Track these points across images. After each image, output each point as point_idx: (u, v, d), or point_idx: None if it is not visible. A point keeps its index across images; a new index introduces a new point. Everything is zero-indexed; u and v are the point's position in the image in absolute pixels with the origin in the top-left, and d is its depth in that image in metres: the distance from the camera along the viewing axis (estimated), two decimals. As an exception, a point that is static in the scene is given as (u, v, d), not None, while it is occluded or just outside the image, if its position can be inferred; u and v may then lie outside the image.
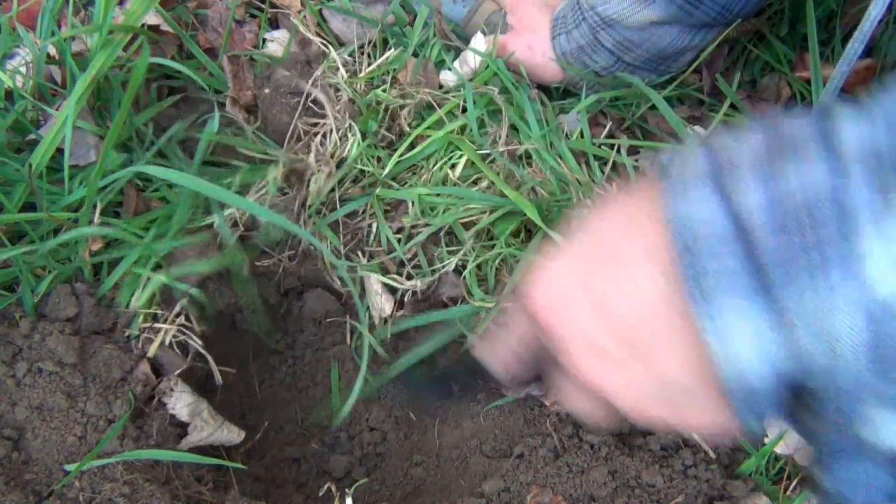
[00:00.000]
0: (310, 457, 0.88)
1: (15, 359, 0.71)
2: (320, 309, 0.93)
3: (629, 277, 0.42)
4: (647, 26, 0.89)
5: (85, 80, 0.76)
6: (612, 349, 0.42)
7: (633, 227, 0.42)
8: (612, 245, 0.43)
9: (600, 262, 0.43)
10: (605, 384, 0.44)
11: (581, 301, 0.44)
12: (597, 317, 0.43)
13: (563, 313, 0.46)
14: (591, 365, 0.44)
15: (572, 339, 0.45)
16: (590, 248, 0.45)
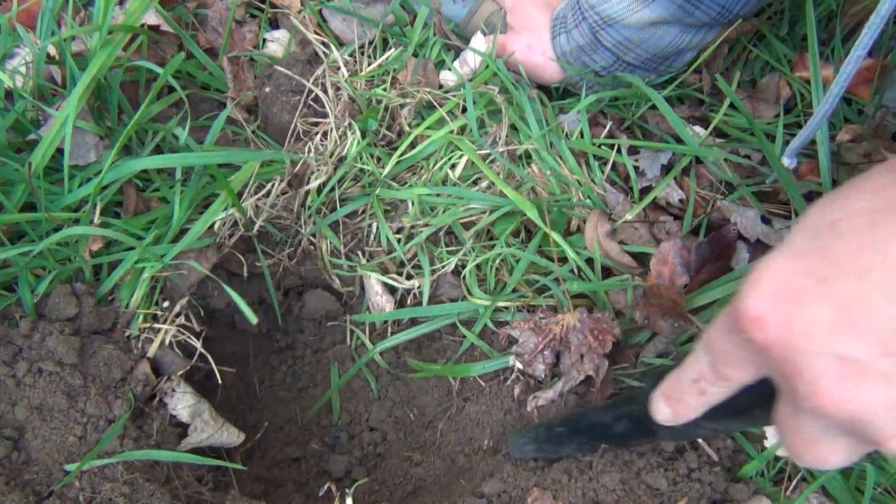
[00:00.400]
0: (310, 457, 0.88)
1: (15, 359, 0.71)
2: (320, 309, 0.93)
3: (887, 269, 0.35)
4: (647, 26, 0.89)
5: (85, 80, 0.75)
6: (867, 359, 0.35)
7: (881, 209, 0.36)
8: (858, 233, 0.36)
9: (843, 254, 0.36)
10: (860, 405, 0.36)
11: (820, 303, 0.37)
12: (844, 320, 0.36)
13: (795, 320, 0.38)
14: (838, 382, 0.36)
15: (810, 351, 0.37)
16: (826, 241, 0.38)
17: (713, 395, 0.48)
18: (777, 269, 0.39)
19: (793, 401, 0.40)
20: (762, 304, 0.39)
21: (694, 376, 0.48)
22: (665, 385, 0.52)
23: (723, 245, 0.82)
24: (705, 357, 0.47)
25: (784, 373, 0.39)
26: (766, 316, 0.39)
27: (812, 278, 0.37)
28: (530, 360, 0.79)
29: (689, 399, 0.49)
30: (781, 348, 0.38)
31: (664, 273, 0.79)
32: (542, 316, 0.80)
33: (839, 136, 0.94)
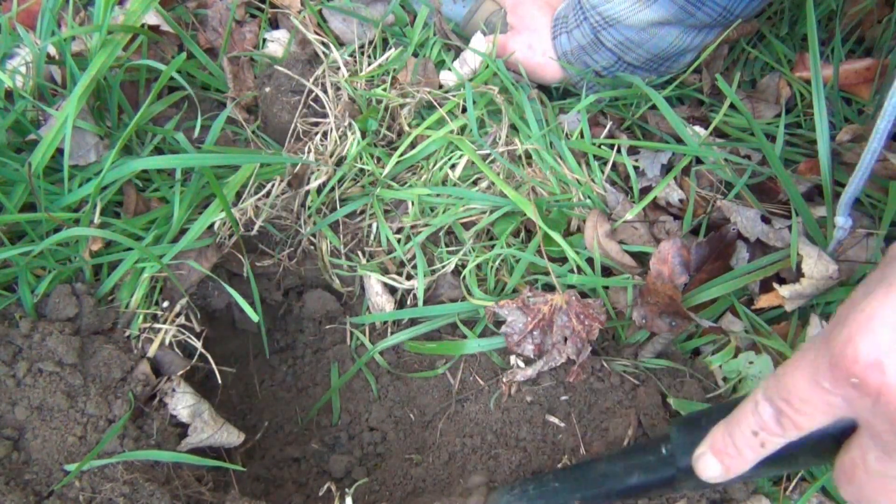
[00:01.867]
0: (310, 457, 0.88)
1: (15, 359, 0.71)
2: (320, 309, 0.93)
3: None
4: (649, 26, 0.89)
5: (85, 80, 0.76)
6: None
7: None
8: None
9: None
10: None
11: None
12: None
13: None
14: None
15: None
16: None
17: (773, 446, 0.47)
18: (889, 308, 0.38)
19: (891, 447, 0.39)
20: (880, 346, 0.37)
21: (754, 427, 0.47)
22: (716, 440, 0.51)
23: (722, 244, 0.82)
24: (769, 407, 0.45)
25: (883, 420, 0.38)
26: (884, 359, 0.37)
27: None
28: (519, 341, 0.78)
29: (747, 454, 0.48)
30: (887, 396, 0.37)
31: (664, 272, 0.79)
32: (531, 295, 0.79)
33: (839, 135, 0.94)
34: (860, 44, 1.06)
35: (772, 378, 0.46)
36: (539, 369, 0.79)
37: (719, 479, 0.51)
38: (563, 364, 0.79)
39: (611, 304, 0.83)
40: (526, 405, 0.81)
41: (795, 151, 0.95)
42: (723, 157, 0.90)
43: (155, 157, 0.80)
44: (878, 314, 0.38)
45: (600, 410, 0.80)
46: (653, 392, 0.79)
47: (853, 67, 1.00)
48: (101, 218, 0.77)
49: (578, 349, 0.77)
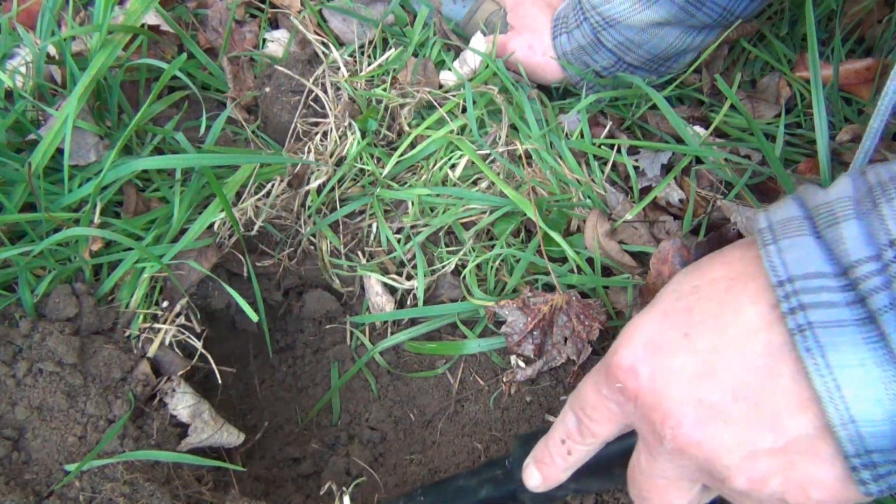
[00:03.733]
0: (310, 457, 0.88)
1: (15, 359, 0.71)
2: (320, 309, 0.93)
3: (740, 326, 0.40)
4: (649, 27, 0.89)
5: (85, 80, 0.76)
6: (723, 404, 0.40)
7: (735, 278, 0.42)
8: (717, 296, 0.42)
9: (705, 313, 0.42)
10: (714, 446, 0.40)
11: (685, 354, 0.42)
12: (705, 370, 0.41)
13: (662, 369, 0.43)
14: (696, 424, 0.41)
15: (675, 396, 0.42)
16: (690, 302, 0.43)
17: (579, 453, 0.52)
18: (648, 325, 0.44)
19: (653, 446, 0.44)
20: (635, 355, 0.44)
21: (562, 436, 0.53)
22: (536, 450, 0.56)
23: (722, 244, 0.82)
24: (572, 416, 0.52)
25: (650, 418, 0.43)
26: (637, 366, 0.43)
27: (678, 333, 0.42)
28: (520, 341, 0.79)
29: (558, 461, 0.53)
30: (650, 395, 0.43)
31: (664, 272, 0.79)
32: (531, 295, 0.79)
33: (839, 135, 0.94)
34: (860, 44, 1.06)
35: (575, 389, 0.52)
36: (539, 369, 0.79)
37: (540, 488, 0.56)
38: (564, 364, 0.79)
39: (611, 303, 0.83)
40: (525, 405, 0.82)
41: (795, 151, 0.95)
42: (723, 157, 0.90)
43: (155, 157, 0.80)
44: (638, 329, 0.45)
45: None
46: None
47: (853, 67, 1.00)
48: (101, 218, 0.77)
49: (579, 349, 0.77)
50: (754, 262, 0.42)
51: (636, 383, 0.43)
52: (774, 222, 0.41)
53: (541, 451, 0.55)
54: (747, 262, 0.42)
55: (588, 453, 0.53)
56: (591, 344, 0.78)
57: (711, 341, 0.41)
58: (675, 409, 0.41)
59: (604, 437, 0.50)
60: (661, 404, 0.42)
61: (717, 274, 0.43)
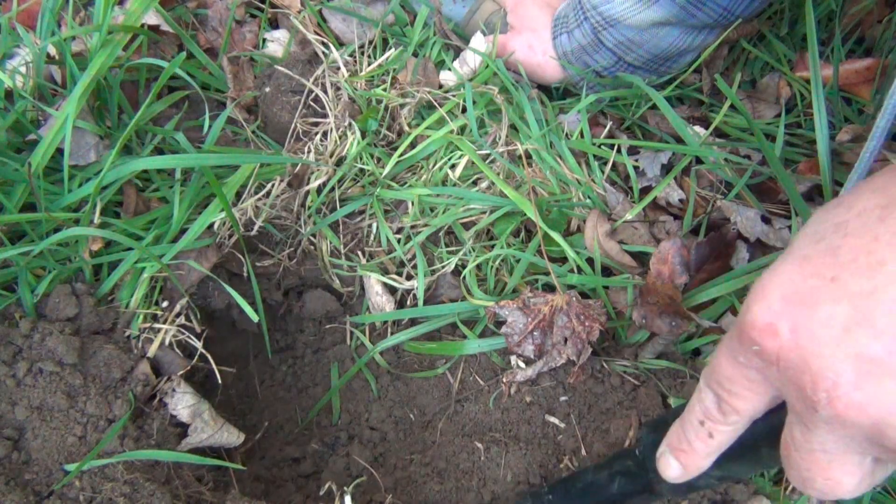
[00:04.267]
0: (310, 457, 0.88)
1: (15, 359, 0.71)
2: (320, 309, 0.93)
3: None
4: (649, 27, 0.89)
5: (85, 80, 0.75)
6: (886, 356, 0.34)
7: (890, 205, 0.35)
8: (868, 229, 0.35)
9: (854, 251, 0.35)
10: (882, 408, 0.34)
11: (833, 302, 0.36)
12: (860, 317, 0.34)
13: (806, 322, 0.36)
14: (856, 384, 0.35)
15: (826, 353, 0.35)
16: (834, 241, 0.37)
17: (722, 435, 0.46)
18: (784, 275, 0.38)
19: (806, 416, 0.38)
20: (772, 310, 0.38)
21: (700, 417, 0.46)
22: (670, 436, 0.50)
23: (722, 244, 0.82)
24: (709, 393, 0.45)
25: (798, 383, 0.37)
26: (776, 322, 0.38)
27: (823, 279, 0.36)
28: (520, 342, 0.78)
29: (698, 446, 0.47)
30: (795, 354, 0.37)
31: (664, 272, 0.79)
32: (532, 295, 0.79)
33: (839, 135, 0.94)
34: (860, 44, 1.06)
35: (708, 364, 0.46)
36: (539, 370, 0.80)
37: (680, 479, 0.50)
38: (563, 365, 0.79)
39: (611, 304, 0.83)
40: (525, 405, 0.82)
41: (795, 151, 0.95)
42: (723, 158, 0.90)
43: (155, 157, 0.80)
44: (771, 283, 0.39)
45: (600, 411, 0.80)
46: (653, 393, 0.79)
47: (853, 67, 1.00)
48: (101, 218, 0.77)
49: (579, 350, 0.77)
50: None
51: (776, 342, 0.38)
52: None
53: (677, 437, 0.49)
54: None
55: (733, 434, 0.46)
56: (591, 344, 0.78)
57: (866, 282, 0.34)
58: (828, 367, 0.35)
59: (749, 413, 0.44)
60: (811, 364, 0.36)
61: (867, 203, 0.37)
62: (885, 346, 0.33)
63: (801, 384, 0.37)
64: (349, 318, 0.92)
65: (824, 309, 0.36)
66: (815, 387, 0.36)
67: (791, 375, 0.37)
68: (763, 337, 0.38)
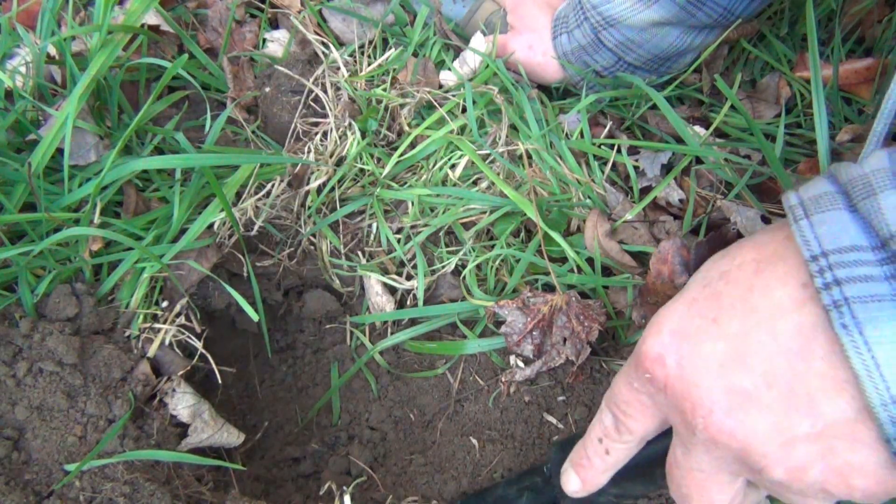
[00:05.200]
0: (310, 457, 0.88)
1: (15, 359, 0.71)
2: (320, 309, 0.93)
3: (769, 308, 0.38)
4: (649, 26, 0.89)
5: (85, 80, 0.76)
6: (755, 390, 0.38)
7: (764, 260, 0.40)
8: (745, 279, 0.41)
9: (733, 297, 0.41)
10: (748, 434, 0.39)
11: (713, 340, 0.40)
12: (734, 355, 0.39)
13: (690, 356, 0.41)
14: (728, 412, 0.39)
15: (705, 384, 0.40)
16: (718, 287, 0.42)
17: (617, 452, 0.51)
18: (675, 313, 0.43)
19: (686, 438, 0.43)
20: (662, 343, 0.43)
21: (599, 435, 0.51)
22: (573, 453, 0.55)
23: (722, 244, 0.82)
24: (608, 414, 0.50)
25: (681, 408, 0.42)
26: (665, 354, 0.42)
27: (706, 319, 0.41)
28: (519, 341, 0.78)
29: (597, 462, 0.52)
30: (679, 383, 0.41)
31: (664, 272, 0.79)
32: (531, 295, 0.79)
33: (839, 135, 0.94)
34: (860, 44, 1.06)
35: (610, 386, 0.51)
36: (538, 370, 0.80)
37: (580, 493, 0.54)
38: (562, 365, 0.79)
39: (611, 303, 0.83)
40: (524, 405, 0.82)
41: (795, 151, 0.95)
42: (723, 158, 0.90)
43: (155, 157, 0.80)
44: (665, 317, 0.44)
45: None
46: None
47: (853, 67, 1.00)
48: (101, 218, 0.77)
49: (578, 350, 0.77)
50: (784, 242, 0.40)
51: (664, 372, 0.42)
52: (806, 199, 0.40)
53: (578, 454, 0.54)
54: (777, 243, 0.41)
55: (627, 452, 0.51)
56: (590, 345, 0.78)
57: (741, 325, 0.39)
58: (706, 396, 0.40)
59: (641, 433, 0.49)
60: (691, 393, 0.41)
61: (746, 257, 0.42)
62: (753, 381, 0.38)
63: (683, 409, 0.41)
64: (349, 318, 0.92)
65: (706, 345, 0.41)
66: (694, 413, 0.40)
67: (675, 402, 0.42)
68: (654, 366, 0.43)
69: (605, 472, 0.52)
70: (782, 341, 0.38)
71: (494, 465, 0.78)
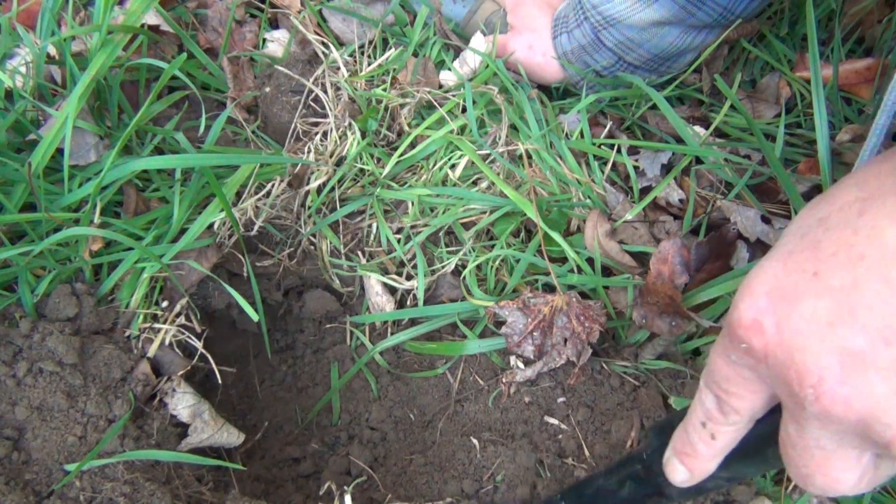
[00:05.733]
0: (310, 457, 0.88)
1: (15, 359, 0.71)
2: (320, 309, 0.93)
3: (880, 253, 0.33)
4: (649, 26, 0.89)
5: (85, 80, 0.75)
6: (871, 349, 0.33)
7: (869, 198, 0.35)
8: (848, 223, 0.36)
9: (834, 245, 0.35)
10: (867, 402, 0.34)
11: (815, 296, 0.35)
12: (842, 311, 0.34)
13: (790, 317, 0.36)
14: (843, 379, 0.34)
15: (811, 348, 0.35)
16: (816, 236, 0.37)
17: (725, 436, 0.46)
18: (769, 271, 0.39)
19: (797, 412, 0.38)
20: (756, 306, 0.38)
21: (702, 419, 0.46)
22: (675, 440, 0.50)
23: (722, 244, 0.82)
24: (709, 394, 0.45)
25: (786, 379, 0.37)
26: (761, 318, 0.38)
27: (805, 274, 0.36)
28: (520, 342, 0.78)
29: (702, 449, 0.47)
30: (781, 350, 0.37)
31: (664, 272, 0.79)
32: (532, 296, 0.79)
33: (839, 135, 0.94)
34: (860, 44, 1.06)
35: (706, 365, 0.46)
36: (538, 370, 0.79)
37: (688, 483, 0.50)
38: (563, 366, 0.79)
39: (611, 304, 0.83)
40: (524, 406, 0.81)
41: (796, 151, 0.95)
42: (723, 158, 0.90)
43: (155, 157, 0.80)
44: (756, 279, 0.39)
45: (601, 412, 0.79)
46: (654, 393, 0.79)
47: (853, 67, 1.00)
48: (101, 218, 0.77)
49: (578, 351, 0.77)
50: (892, 174, 0.35)
51: (763, 339, 0.38)
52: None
53: (681, 441, 0.49)
54: (884, 175, 0.36)
55: (736, 434, 0.46)
56: (591, 345, 0.78)
57: (847, 276, 0.34)
58: (813, 363, 0.35)
59: (748, 412, 0.43)
60: (796, 359, 0.36)
61: (847, 197, 0.37)
62: (867, 339, 0.33)
63: (788, 380, 0.37)
64: (349, 318, 0.92)
65: (807, 304, 0.36)
66: (802, 382, 0.36)
67: (779, 372, 0.37)
68: (750, 334, 0.38)
69: (713, 459, 0.47)
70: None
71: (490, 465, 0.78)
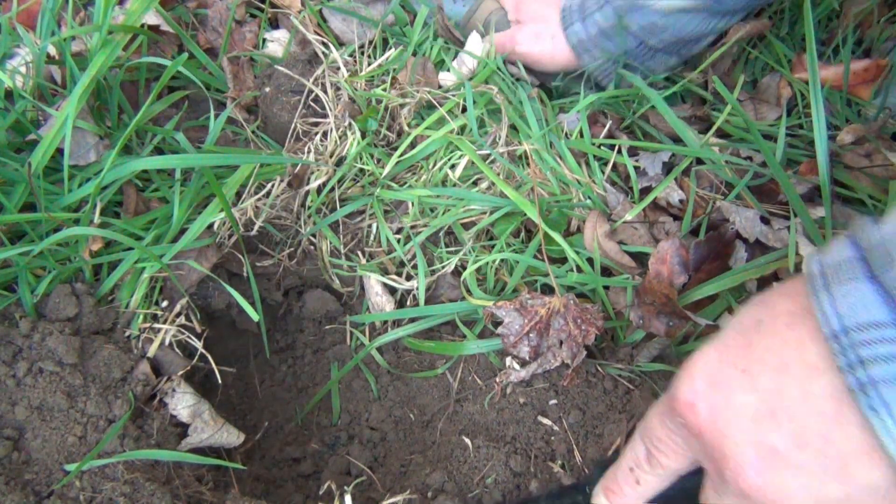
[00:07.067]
0: (310, 457, 0.88)
1: (15, 359, 0.71)
2: (320, 309, 0.93)
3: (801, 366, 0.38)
4: (675, 11, 0.88)
5: (85, 80, 0.76)
6: (785, 449, 0.38)
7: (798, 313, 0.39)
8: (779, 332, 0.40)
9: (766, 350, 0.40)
10: (779, 494, 0.38)
11: (745, 392, 0.40)
12: (765, 410, 0.39)
13: (722, 406, 0.41)
14: (759, 470, 0.39)
15: (736, 438, 0.40)
16: (751, 337, 0.41)
17: (648, 484, 0.51)
18: (707, 359, 0.43)
19: (719, 484, 0.43)
20: (694, 389, 0.43)
21: (630, 464, 0.51)
22: (605, 478, 0.55)
23: (721, 244, 0.82)
24: (641, 446, 0.50)
25: (713, 457, 0.42)
26: (696, 402, 0.42)
27: (735, 369, 0.41)
28: (515, 343, 0.78)
29: (627, 490, 0.52)
30: (710, 433, 0.41)
31: (663, 272, 0.79)
32: (529, 297, 0.79)
33: (840, 136, 0.94)
34: (860, 44, 1.06)
35: (644, 417, 0.51)
36: (533, 371, 0.79)
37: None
38: (558, 367, 0.79)
39: (610, 304, 0.83)
40: (518, 406, 0.82)
41: (798, 152, 0.95)
42: (723, 159, 0.90)
43: (155, 157, 0.80)
44: (697, 363, 0.44)
45: (593, 415, 0.79)
46: (648, 396, 0.79)
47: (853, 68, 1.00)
48: (101, 218, 0.77)
49: (573, 353, 0.77)
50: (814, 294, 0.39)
51: (696, 420, 0.42)
52: (826, 266, 0.38)
53: (610, 480, 0.54)
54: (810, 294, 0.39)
55: (659, 485, 0.50)
56: (586, 348, 0.78)
57: (772, 381, 0.39)
58: (737, 451, 0.40)
59: (673, 469, 0.48)
60: (723, 444, 0.41)
61: (781, 308, 0.41)
62: (783, 441, 0.38)
63: (715, 458, 0.41)
64: (349, 318, 0.92)
65: (737, 397, 0.40)
66: (726, 464, 0.40)
67: (707, 449, 0.42)
68: (686, 412, 0.43)
69: (636, 501, 0.52)
70: (815, 403, 0.37)
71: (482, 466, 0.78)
